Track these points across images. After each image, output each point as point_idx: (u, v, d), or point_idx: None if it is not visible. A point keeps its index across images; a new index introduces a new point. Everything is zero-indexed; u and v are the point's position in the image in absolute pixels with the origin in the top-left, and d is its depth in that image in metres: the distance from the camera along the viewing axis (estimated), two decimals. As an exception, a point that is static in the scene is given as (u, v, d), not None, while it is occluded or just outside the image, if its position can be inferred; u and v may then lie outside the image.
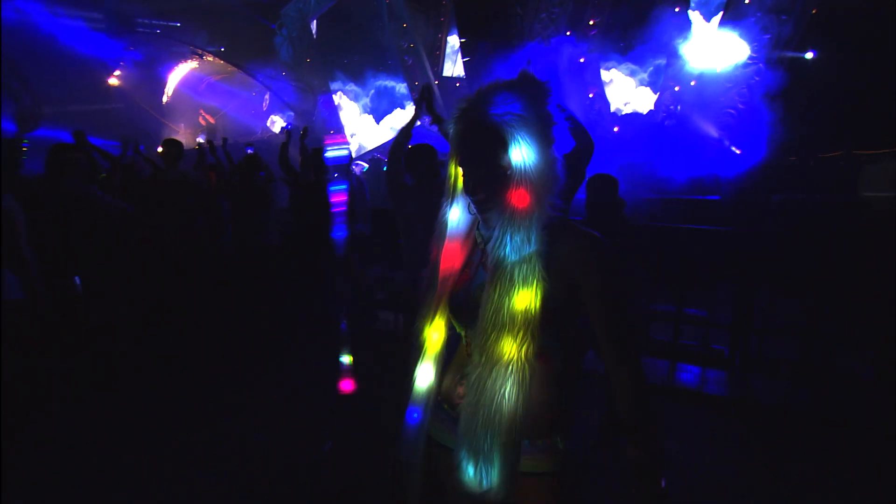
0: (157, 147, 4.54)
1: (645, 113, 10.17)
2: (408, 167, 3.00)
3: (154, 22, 16.52)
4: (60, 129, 12.00)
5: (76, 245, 3.02)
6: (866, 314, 3.51)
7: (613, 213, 2.91)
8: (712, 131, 8.83)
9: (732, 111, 9.01)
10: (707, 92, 9.00)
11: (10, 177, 2.35)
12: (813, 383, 3.50)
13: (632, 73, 10.89)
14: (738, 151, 8.66)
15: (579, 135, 2.58)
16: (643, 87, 11.05)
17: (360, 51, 16.20)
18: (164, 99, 15.55)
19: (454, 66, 13.14)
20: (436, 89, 13.77)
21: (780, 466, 2.70)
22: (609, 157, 8.87)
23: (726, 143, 8.74)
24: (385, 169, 3.17)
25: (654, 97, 10.14)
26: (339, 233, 3.60)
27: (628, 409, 1.06)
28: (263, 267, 4.35)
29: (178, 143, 4.42)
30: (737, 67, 8.76)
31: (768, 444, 2.92)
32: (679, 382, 3.59)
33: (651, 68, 11.09)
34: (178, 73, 15.56)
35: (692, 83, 9.43)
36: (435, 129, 2.91)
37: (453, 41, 13.81)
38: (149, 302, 3.76)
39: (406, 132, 3.02)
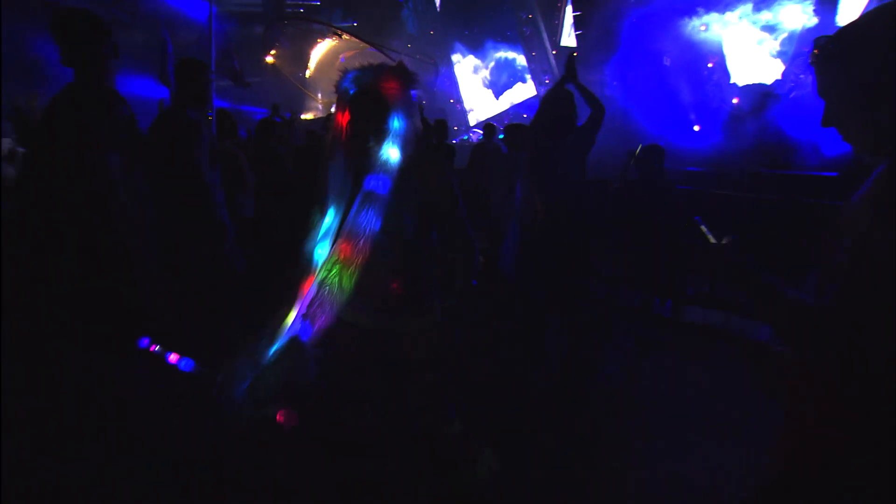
0: (301, 114, 5.91)
1: (770, 83, 9.62)
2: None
3: (300, 2, 18.71)
4: (226, 99, 14.50)
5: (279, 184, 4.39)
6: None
7: (660, 178, 3.49)
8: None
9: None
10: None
11: (226, 137, 3.56)
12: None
13: (759, 42, 10.24)
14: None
15: (592, 104, 2.96)
16: (774, 59, 10.30)
17: (480, 22, 16.75)
18: (308, 73, 17.73)
19: (569, 38, 13.26)
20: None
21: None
22: (720, 128, 8.71)
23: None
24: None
25: (783, 68, 9.55)
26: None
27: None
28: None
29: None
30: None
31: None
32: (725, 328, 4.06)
33: (784, 35, 10.30)
34: (320, 50, 17.59)
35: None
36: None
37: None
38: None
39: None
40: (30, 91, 5.14)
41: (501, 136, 3.99)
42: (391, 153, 1.53)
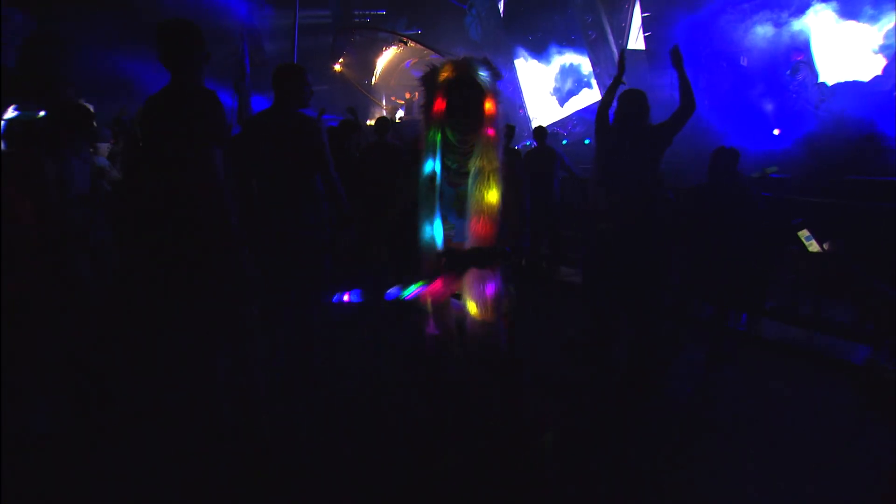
0: (367, 120, 6.07)
1: (867, 80, 8.77)
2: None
3: (366, 12, 19.33)
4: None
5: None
6: None
7: (733, 182, 3.26)
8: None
9: None
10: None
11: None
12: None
13: (856, 36, 9.35)
14: None
15: (685, 96, 2.85)
16: (877, 55, 9.34)
17: (543, 26, 16.47)
18: (373, 80, 18.26)
19: (637, 42, 12.75)
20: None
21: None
22: (804, 131, 8.05)
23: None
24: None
25: (884, 63, 8.67)
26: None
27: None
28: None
29: (388, 119, 5.90)
30: None
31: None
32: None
33: (890, 26, 9.32)
34: (385, 58, 18.05)
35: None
36: None
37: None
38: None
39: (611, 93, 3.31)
40: (120, 106, 5.83)
41: (564, 143, 3.88)
42: (489, 134, 1.72)
